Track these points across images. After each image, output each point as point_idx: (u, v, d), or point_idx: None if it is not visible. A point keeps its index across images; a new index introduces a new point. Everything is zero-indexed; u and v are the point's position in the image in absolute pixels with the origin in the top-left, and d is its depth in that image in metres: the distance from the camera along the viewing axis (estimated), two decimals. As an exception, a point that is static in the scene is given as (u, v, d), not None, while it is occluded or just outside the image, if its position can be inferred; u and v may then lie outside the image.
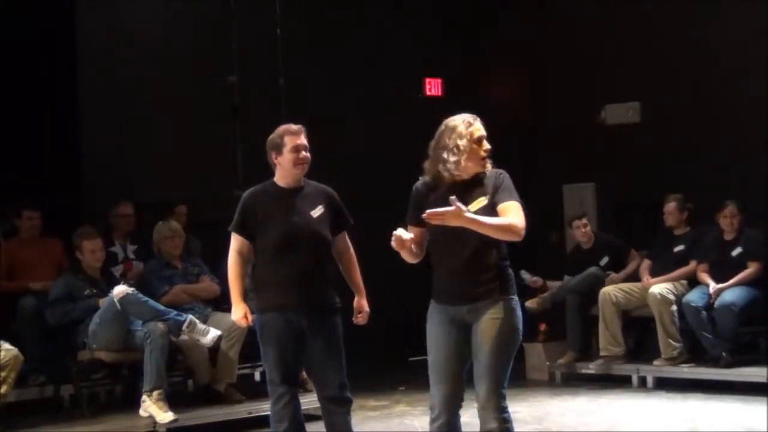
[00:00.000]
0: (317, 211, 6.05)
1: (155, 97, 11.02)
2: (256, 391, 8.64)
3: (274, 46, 11.09)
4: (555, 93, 12.54)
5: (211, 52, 11.09)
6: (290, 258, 5.95)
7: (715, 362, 9.44)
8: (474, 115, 5.35)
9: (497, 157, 5.55)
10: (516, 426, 5.33)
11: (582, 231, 10.74)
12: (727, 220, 9.67)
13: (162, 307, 8.25)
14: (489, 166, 5.33)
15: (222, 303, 8.58)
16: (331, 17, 12.16)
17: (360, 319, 6.23)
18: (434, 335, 5.29)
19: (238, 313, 6.09)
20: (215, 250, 9.74)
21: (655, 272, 10.08)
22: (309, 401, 7.40)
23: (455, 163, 5.19)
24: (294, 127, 6.10)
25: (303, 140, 6.07)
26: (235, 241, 6.12)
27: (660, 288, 9.78)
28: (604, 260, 10.60)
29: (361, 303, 6.25)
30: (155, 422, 7.90)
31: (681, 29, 11.52)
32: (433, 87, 12.76)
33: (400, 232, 5.06)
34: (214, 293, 8.89)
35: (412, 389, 9.72)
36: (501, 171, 5.34)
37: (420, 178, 5.37)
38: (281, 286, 5.96)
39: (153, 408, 7.89)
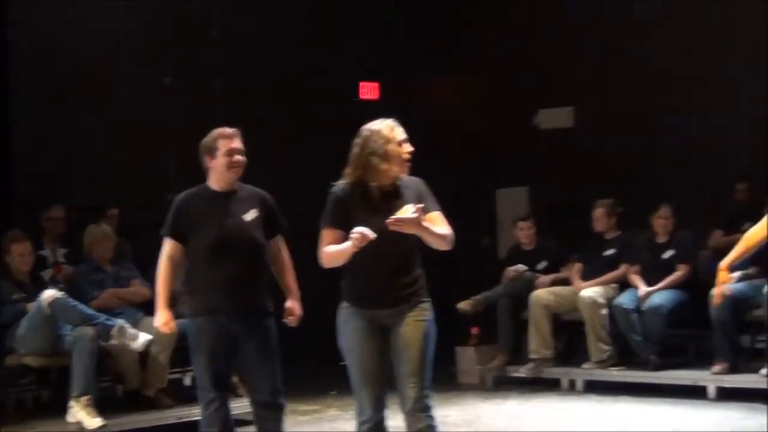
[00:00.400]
0: (250, 215, 6.02)
1: (88, 99, 10.91)
2: (187, 396, 8.54)
3: (209, 47, 11.06)
4: (489, 97, 12.61)
5: (145, 53, 11.02)
6: (223, 262, 5.91)
7: (645, 365, 9.53)
8: (393, 119, 5.43)
9: (432, 161, 5.61)
10: (447, 429, 5.42)
11: (526, 233, 10.78)
12: (661, 221, 9.76)
13: (91, 312, 8.19)
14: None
15: (152, 307, 8.50)
16: (268, 19, 12.12)
17: (291, 321, 6.20)
18: (356, 339, 5.35)
19: (161, 319, 6.07)
20: (147, 253, 9.69)
21: (586, 276, 10.15)
22: (241, 406, 7.37)
23: (386, 169, 5.30)
24: (228, 130, 6.06)
25: (237, 144, 6.03)
26: (167, 245, 6.07)
27: (590, 292, 9.87)
28: (542, 264, 10.67)
29: (294, 305, 6.21)
30: (83, 428, 7.83)
31: (613, 35, 11.65)
32: (368, 91, 12.77)
33: (366, 230, 5.10)
34: (145, 297, 8.79)
35: (343, 393, 9.68)
36: (418, 179, 5.45)
37: (335, 183, 5.43)
38: (213, 289, 5.92)
39: (81, 414, 7.83)
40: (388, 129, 5.36)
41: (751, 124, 10.35)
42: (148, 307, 8.73)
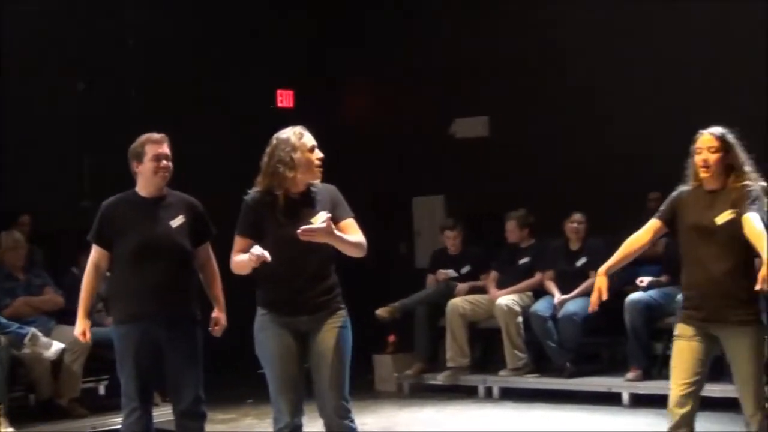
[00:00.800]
0: (177, 221, 5.99)
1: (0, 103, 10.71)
2: (101, 406, 8.58)
3: (125, 53, 10.95)
4: (406, 106, 12.65)
5: (59, 57, 10.87)
6: (148, 267, 5.88)
7: (560, 372, 9.64)
8: (302, 126, 5.49)
9: (348, 168, 5.62)
10: (364, 437, 5.48)
11: (452, 241, 10.83)
12: (574, 227, 9.89)
13: (3, 320, 8.14)
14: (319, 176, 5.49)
15: (66, 315, 8.44)
16: (183, 26, 12.04)
17: (216, 331, 6.20)
18: (273, 346, 5.38)
19: (78, 329, 6.04)
20: (60, 260, 9.56)
21: (502, 284, 10.25)
22: (160, 414, 7.34)
23: (292, 177, 5.35)
24: (156, 135, 6.04)
25: (165, 149, 6.02)
26: (94, 252, 6.06)
27: (506, 300, 9.95)
28: (466, 268, 10.73)
29: (219, 315, 6.20)
30: (-7, 436, 7.77)
31: (527, 47, 11.75)
32: (284, 99, 12.74)
33: (261, 251, 5.16)
34: (57, 305, 8.73)
35: (260, 401, 9.64)
36: (332, 186, 5.51)
37: (249, 191, 5.47)
38: (137, 296, 5.89)
39: (-8, 423, 7.76)
40: (296, 137, 5.41)
41: (663, 133, 10.50)
42: (60, 316, 8.65)
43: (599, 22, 11.21)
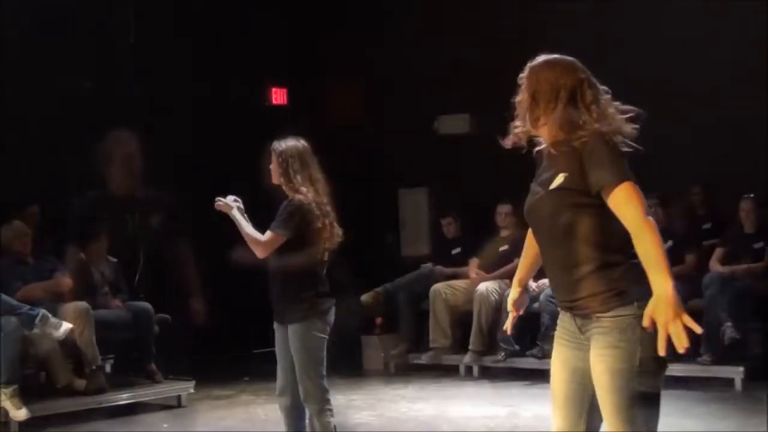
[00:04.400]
0: None
1: (9, 96, 10.61)
2: (108, 383, 8.85)
3: (127, 51, 11.17)
4: (393, 104, 12.93)
5: (64, 53, 10.96)
6: None
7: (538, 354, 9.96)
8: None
9: (340, 164, 5.96)
10: (352, 412, 6.05)
11: (447, 228, 11.37)
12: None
13: (15, 302, 8.37)
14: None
15: (71, 296, 8.79)
16: (178, 24, 12.07)
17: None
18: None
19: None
20: (65, 248, 9.83)
21: (484, 271, 10.73)
22: (156, 392, 8.00)
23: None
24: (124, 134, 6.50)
25: None
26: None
27: (485, 285, 10.44)
28: (456, 250, 11.22)
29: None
30: (8, 419, 8.02)
31: (507, 46, 11.97)
32: (278, 96, 12.87)
33: None
34: (67, 287, 8.95)
35: (256, 379, 9.97)
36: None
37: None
38: None
39: (7, 403, 8.01)
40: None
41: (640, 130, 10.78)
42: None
43: (581, 19, 11.28)
